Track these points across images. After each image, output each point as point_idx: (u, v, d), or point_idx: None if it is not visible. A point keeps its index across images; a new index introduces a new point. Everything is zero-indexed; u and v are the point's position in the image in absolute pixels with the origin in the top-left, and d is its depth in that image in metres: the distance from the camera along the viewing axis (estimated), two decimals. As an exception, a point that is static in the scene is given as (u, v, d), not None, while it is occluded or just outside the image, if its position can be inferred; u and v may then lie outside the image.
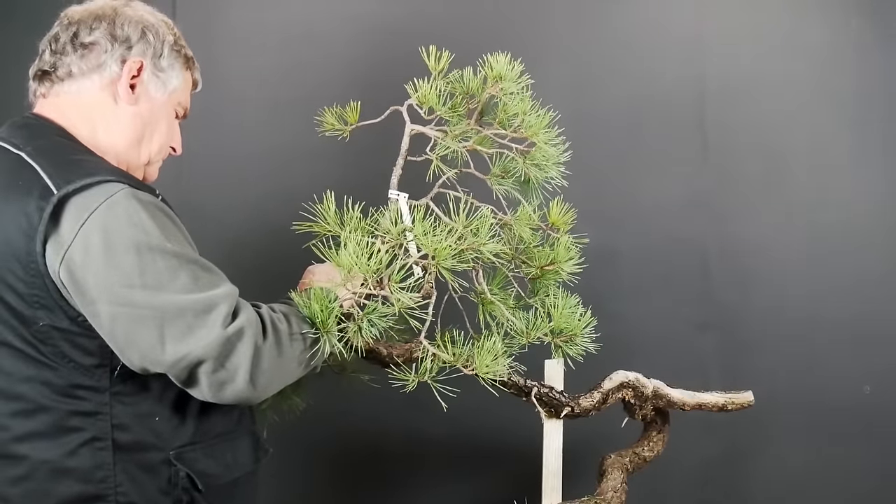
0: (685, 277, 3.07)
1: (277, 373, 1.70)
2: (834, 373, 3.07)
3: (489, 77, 2.02)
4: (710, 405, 2.23)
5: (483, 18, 3.03)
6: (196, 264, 1.65)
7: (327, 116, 2.08)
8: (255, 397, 1.69)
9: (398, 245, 1.83)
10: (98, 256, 1.57)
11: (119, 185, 1.61)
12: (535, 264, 2.06)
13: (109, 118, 1.78)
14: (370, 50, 2.99)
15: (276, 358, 1.68)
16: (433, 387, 1.76)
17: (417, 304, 1.75)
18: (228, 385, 1.64)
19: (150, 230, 1.60)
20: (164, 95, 1.84)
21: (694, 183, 3.09)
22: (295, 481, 2.97)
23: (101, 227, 1.57)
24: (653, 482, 2.49)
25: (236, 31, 2.98)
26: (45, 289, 1.60)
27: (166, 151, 1.91)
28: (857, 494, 3.08)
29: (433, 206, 1.95)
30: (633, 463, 2.24)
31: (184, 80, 1.88)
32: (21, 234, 1.58)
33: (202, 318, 1.60)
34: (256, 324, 1.66)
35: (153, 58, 1.81)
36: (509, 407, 2.26)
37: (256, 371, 1.64)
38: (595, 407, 2.14)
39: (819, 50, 3.10)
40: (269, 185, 2.97)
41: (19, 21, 2.76)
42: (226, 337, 1.60)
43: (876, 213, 3.10)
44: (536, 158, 2.03)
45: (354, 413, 2.76)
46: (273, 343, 1.68)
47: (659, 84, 3.07)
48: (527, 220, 2.06)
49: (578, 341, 1.99)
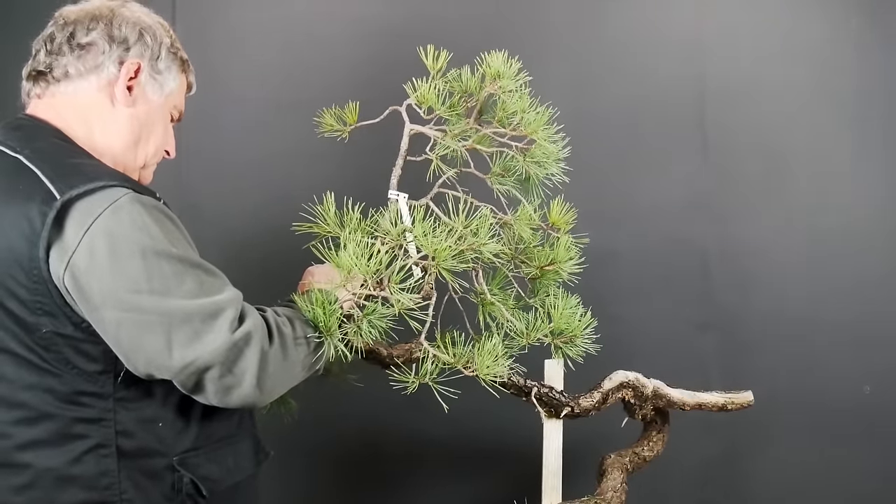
0: (685, 278, 3.07)
1: (283, 376, 1.70)
2: (834, 374, 3.06)
3: (487, 75, 2.01)
4: (709, 405, 2.23)
5: (481, 19, 3.02)
6: (200, 268, 1.64)
7: (326, 117, 2.08)
8: (261, 401, 1.69)
9: (398, 246, 1.82)
10: (103, 262, 1.56)
11: (122, 189, 1.60)
12: (534, 264, 2.05)
13: (106, 120, 1.76)
14: (369, 50, 2.99)
15: (282, 362, 1.68)
16: (434, 388, 1.76)
17: (417, 306, 1.75)
18: (235, 390, 1.63)
19: (154, 234, 1.59)
20: (160, 98, 1.82)
21: (694, 184, 3.08)
22: (297, 483, 2.97)
23: (105, 232, 1.56)
24: (653, 482, 2.48)
25: (235, 32, 2.98)
26: (48, 295, 1.58)
27: (161, 155, 1.89)
28: (858, 495, 3.07)
29: (433, 207, 1.95)
30: (633, 463, 2.24)
31: (179, 83, 1.87)
32: (23, 240, 1.57)
33: (209, 323, 1.60)
34: (262, 328, 1.65)
35: (150, 60, 1.79)
36: (509, 407, 2.25)
37: (263, 375, 1.64)
38: (595, 407, 2.14)
39: (819, 50, 3.09)
40: (268, 186, 2.97)
41: (17, 21, 2.76)
42: (233, 342, 1.60)
43: (876, 214, 3.09)
44: (536, 156, 2.03)
45: (355, 415, 2.76)
46: (279, 347, 1.67)
47: (659, 84, 3.07)
48: (527, 219, 2.06)
49: (578, 342, 1.99)
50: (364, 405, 2.70)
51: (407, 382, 1.75)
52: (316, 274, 1.93)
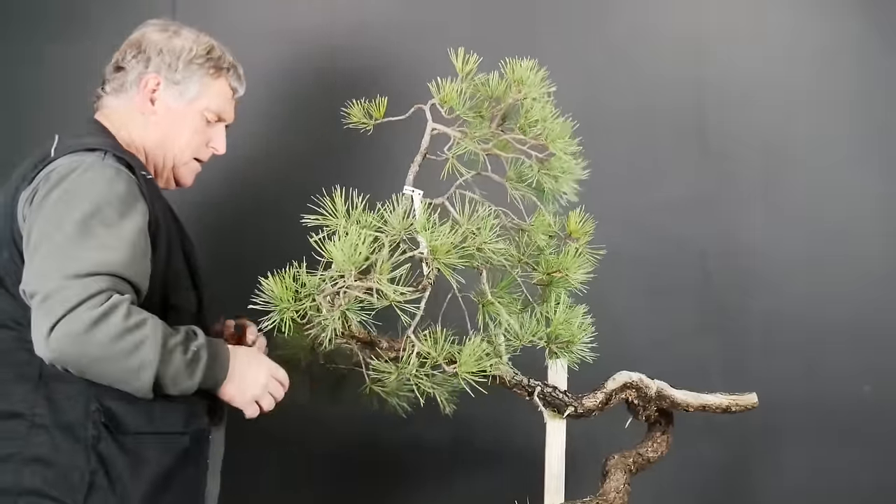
0: (685, 278, 3.06)
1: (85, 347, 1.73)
2: (833, 373, 3.03)
3: (511, 81, 2.03)
4: (713, 407, 2.22)
5: (481, 21, 3.04)
6: (105, 235, 1.79)
7: (354, 110, 2.11)
8: (48, 357, 1.74)
9: (400, 240, 1.85)
10: (43, 197, 1.80)
11: (99, 152, 1.87)
12: (542, 269, 2.07)
13: (138, 125, 2.09)
14: (368, 51, 3.01)
15: (105, 346, 1.72)
16: (415, 383, 1.79)
17: (408, 299, 1.78)
18: (39, 324, 1.72)
19: (97, 192, 1.80)
20: (182, 105, 2.11)
21: (694, 184, 3.07)
22: (296, 483, 3.02)
23: (58, 176, 1.82)
24: (655, 483, 2.46)
25: (234, 31, 2.94)
26: (14, 221, 1.84)
27: (206, 153, 2.19)
28: (857, 495, 3.04)
29: (448, 206, 1.98)
30: (637, 464, 2.24)
31: (206, 88, 2.13)
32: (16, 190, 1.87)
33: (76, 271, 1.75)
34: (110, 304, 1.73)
35: (167, 72, 2.09)
36: (513, 407, 2.27)
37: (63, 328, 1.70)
38: (598, 407, 2.14)
39: (819, 51, 3.07)
40: (269, 183, 3.03)
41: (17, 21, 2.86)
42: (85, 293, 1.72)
43: (876, 215, 3.07)
44: (553, 169, 2.06)
45: (356, 415, 2.72)
46: (106, 326, 1.72)
47: (659, 85, 3.06)
48: (545, 227, 2.08)
49: (575, 349, 2.00)
50: (365, 405, 2.73)
51: (388, 373, 1.78)
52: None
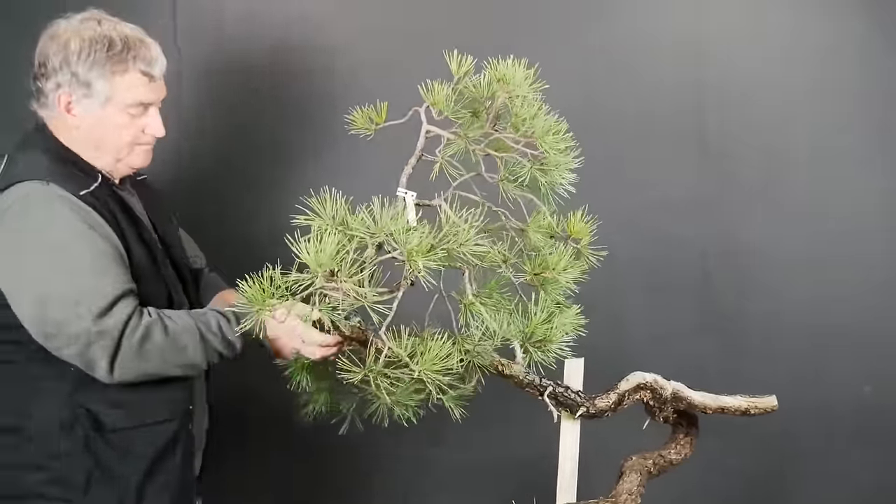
0: (685, 280, 3.06)
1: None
2: (833, 374, 3.03)
3: (493, 79, 2.02)
4: (732, 409, 2.18)
5: (479, 23, 3.05)
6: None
7: (357, 116, 2.12)
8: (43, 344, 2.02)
9: (376, 243, 1.87)
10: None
11: (37, 183, 2.02)
12: (528, 270, 2.05)
13: (72, 136, 2.16)
14: (367, 50, 3.05)
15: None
16: (374, 383, 1.82)
17: (376, 301, 1.79)
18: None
19: (40, 220, 2.01)
20: (100, 109, 2.13)
21: (694, 184, 3.07)
22: (304, 488, 3.09)
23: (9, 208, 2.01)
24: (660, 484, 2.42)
25: (233, 29, 3.06)
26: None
27: (147, 138, 2.20)
28: (857, 495, 3.03)
29: (446, 207, 2.00)
30: (658, 465, 2.22)
31: (117, 86, 2.12)
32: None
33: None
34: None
35: (74, 85, 2.10)
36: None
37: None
38: (611, 408, 2.13)
39: (819, 51, 3.05)
40: (265, 181, 3.09)
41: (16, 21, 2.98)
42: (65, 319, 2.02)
43: (876, 215, 3.05)
44: (545, 164, 2.05)
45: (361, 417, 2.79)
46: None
47: (659, 85, 3.06)
48: (543, 227, 2.09)
49: (552, 347, 1.99)
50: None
51: (355, 372, 1.82)
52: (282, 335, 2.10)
